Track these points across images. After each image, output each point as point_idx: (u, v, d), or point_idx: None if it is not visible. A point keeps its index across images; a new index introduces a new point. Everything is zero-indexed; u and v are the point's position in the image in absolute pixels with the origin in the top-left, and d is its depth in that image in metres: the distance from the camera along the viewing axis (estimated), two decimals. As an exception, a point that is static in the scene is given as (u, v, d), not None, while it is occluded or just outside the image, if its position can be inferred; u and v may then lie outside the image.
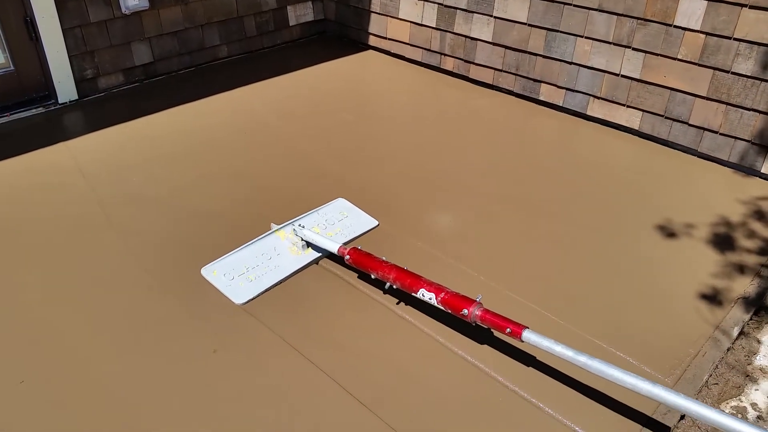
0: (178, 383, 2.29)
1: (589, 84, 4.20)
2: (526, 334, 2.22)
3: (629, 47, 3.93)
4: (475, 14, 4.60)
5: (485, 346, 2.49)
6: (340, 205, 3.31)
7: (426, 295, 2.46)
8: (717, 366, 2.46)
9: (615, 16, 3.93)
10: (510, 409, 2.25)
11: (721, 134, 3.73)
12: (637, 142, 4.07)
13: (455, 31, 4.77)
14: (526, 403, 2.26)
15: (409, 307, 2.68)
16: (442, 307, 2.43)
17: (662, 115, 3.94)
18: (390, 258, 2.68)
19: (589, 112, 4.28)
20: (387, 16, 5.20)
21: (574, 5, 4.08)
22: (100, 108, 4.34)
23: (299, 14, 5.53)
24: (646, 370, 2.39)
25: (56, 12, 4.08)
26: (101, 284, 2.75)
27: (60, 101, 4.33)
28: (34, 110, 4.24)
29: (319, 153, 3.86)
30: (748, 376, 2.44)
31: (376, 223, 3.21)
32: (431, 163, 3.79)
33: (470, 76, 4.86)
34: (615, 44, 3.99)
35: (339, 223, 3.17)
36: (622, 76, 4.03)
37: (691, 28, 3.65)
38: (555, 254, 3.04)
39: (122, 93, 4.55)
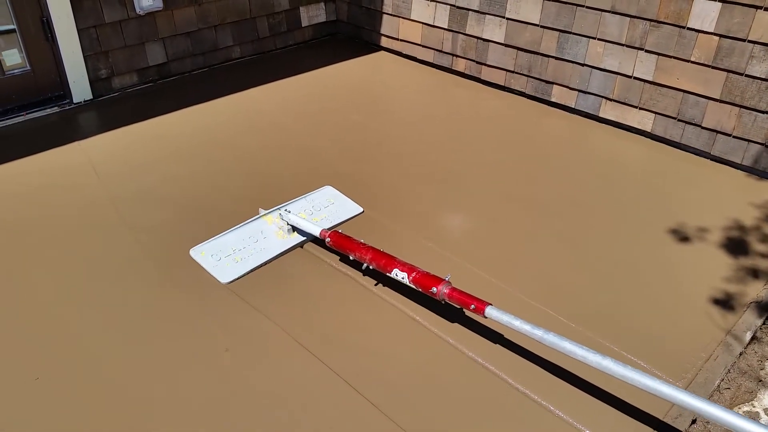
0: (187, 380, 2.31)
1: (602, 86, 4.19)
2: (489, 310, 2.33)
3: (642, 49, 3.92)
4: (487, 15, 4.60)
5: (497, 345, 2.49)
6: (328, 192, 3.40)
7: (399, 274, 2.58)
8: (729, 370, 2.45)
9: (628, 18, 3.91)
10: (519, 410, 2.25)
11: (734, 137, 3.71)
12: (649, 144, 4.06)
13: (467, 32, 4.77)
14: (535, 404, 2.26)
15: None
16: (414, 286, 2.55)
17: (675, 118, 3.93)
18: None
19: (601, 114, 4.27)
20: (399, 17, 5.20)
21: (587, 7, 4.07)
22: (114, 107, 4.38)
23: (311, 15, 5.55)
24: (657, 373, 2.38)
25: (72, 12, 4.12)
26: (114, 281, 2.78)
27: (75, 101, 4.38)
28: (49, 110, 4.29)
29: (328, 151, 3.88)
30: (760, 381, 2.42)
31: (361, 209, 3.31)
32: (438, 161, 3.80)
33: (482, 78, 4.86)
34: (628, 46, 3.97)
35: (325, 209, 3.27)
36: (635, 78, 4.01)
37: (704, 30, 3.63)
38: (564, 254, 3.04)
39: (136, 93, 4.59)
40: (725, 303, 2.75)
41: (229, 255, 2.90)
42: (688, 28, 3.69)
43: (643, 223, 3.27)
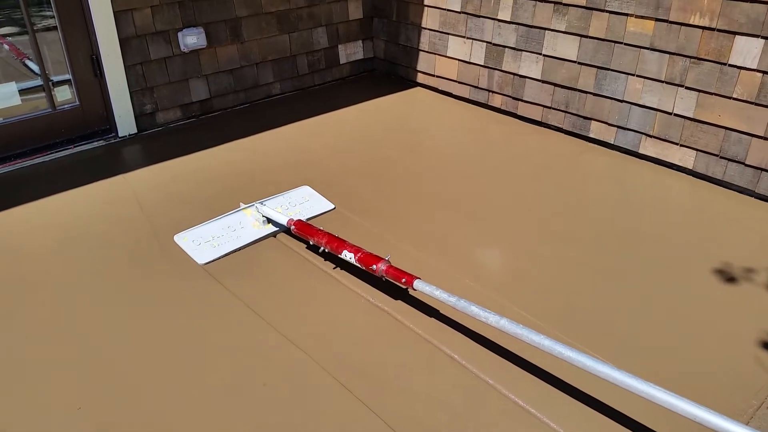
0: (225, 411, 2.32)
1: (641, 122, 4.16)
2: (417, 284, 2.59)
3: (682, 86, 3.89)
4: (524, 52, 4.63)
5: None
6: (304, 191, 3.78)
7: (347, 255, 2.89)
8: (782, 418, 2.35)
9: (667, 55, 3.90)
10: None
11: (780, 175, 3.63)
12: (691, 181, 3.99)
13: (503, 68, 4.81)
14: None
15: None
16: (359, 265, 2.85)
17: (717, 155, 3.86)
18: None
19: (641, 151, 4.22)
20: (435, 54, 5.27)
21: (626, 44, 4.06)
22: (157, 142, 4.50)
23: (349, 53, 5.66)
24: (705, 419, 2.29)
25: (120, 50, 4.29)
26: (156, 313, 2.82)
27: (120, 135, 4.51)
28: (95, 143, 4.43)
29: (361, 185, 3.93)
30: (816, 430, 2.31)
31: (333, 206, 3.65)
32: (474, 196, 3.79)
33: (518, 113, 4.87)
34: (667, 83, 3.95)
35: (300, 205, 3.64)
36: (675, 114, 3.97)
37: (747, 66, 3.59)
38: (605, 292, 2.98)
39: (179, 128, 4.72)
40: (776, 347, 2.65)
41: (208, 241, 3.28)
42: (730, 65, 3.65)
43: (685, 261, 3.20)
